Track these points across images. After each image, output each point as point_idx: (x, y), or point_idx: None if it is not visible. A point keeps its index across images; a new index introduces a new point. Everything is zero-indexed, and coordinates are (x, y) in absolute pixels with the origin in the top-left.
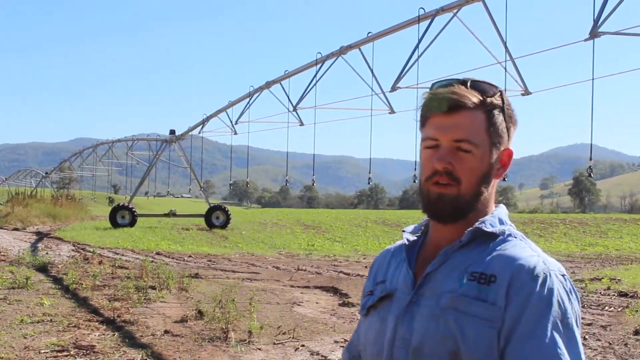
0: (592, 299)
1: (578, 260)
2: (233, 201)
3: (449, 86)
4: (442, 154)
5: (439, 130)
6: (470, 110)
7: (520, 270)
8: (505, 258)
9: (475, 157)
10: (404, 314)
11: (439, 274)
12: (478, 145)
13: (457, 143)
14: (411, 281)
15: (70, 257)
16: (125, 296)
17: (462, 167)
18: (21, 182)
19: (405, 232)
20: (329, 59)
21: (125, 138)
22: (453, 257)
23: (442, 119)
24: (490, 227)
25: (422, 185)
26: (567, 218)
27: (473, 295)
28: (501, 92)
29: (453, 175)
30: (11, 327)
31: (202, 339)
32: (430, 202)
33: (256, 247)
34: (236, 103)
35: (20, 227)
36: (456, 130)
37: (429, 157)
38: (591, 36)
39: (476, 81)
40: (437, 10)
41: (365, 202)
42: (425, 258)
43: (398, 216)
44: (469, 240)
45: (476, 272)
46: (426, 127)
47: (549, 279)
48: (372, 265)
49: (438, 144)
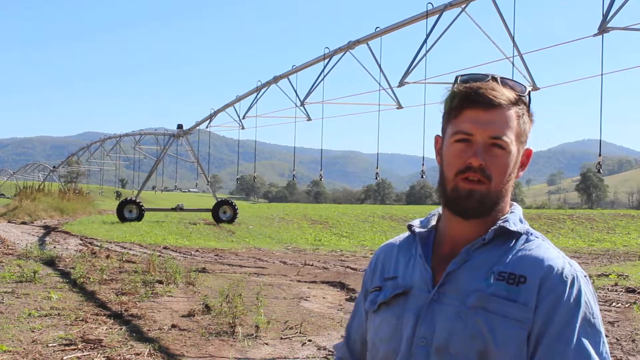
0: (600, 295)
1: (585, 256)
2: (240, 196)
3: (485, 81)
4: (479, 149)
5: (475, 125)
6: (505, 108)
7: (550, 272)
8: (533, 259)
9: (507, 155)
10: (424, 312)
11: (461, 272)
12: (510, 143)
13: (493, 140)
14: (430, 279)
15: (78, 251)
16: (132, 290)
17: (494, 164)
18: (29, 176)
19: (415, 227)
20: (337, 54)
21: (133, 132)
22: (475, 255)
23: (479, 114)
24: (513, 226)
25: (450, 179)
26: (575, 214)
27: (502, 296)
28: (529, 91)
29: (485, 173)
30: (19, 320)
31: (209, 333)
32: (459, 197)
33: (263, 241)
34: (244, 98)
35: (28, 221)
36: (493, 126)
37: (460, 151)
38: (600, 31)
39: (506, 78)
40: (445, 5)
41: (373, 197)
42: (443, 255)
43: (405, 211)
44: (492, 239)
45: (504, 272)
46: (458, 120)
47: (576, 281)
48: (375, 259)
49: (472, 139)
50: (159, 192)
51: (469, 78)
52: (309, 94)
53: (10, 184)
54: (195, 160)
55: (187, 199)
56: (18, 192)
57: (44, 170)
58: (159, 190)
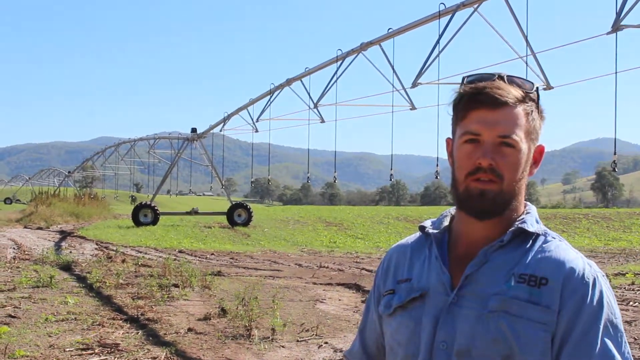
0: (617, 294)
1: (602, 255)
2: (254, 199)
3: (491, 80)
4: (487, 149)
5: (482, 125)
6: (512, 106)
7: (571, 274)
8: (553, 261)
9: (517, 153)
10: (444, 316)
11: (480, 275)
12: (520, 141)
13: (501, 139)
14: (448, 281)
15: (94, 255)
16: (148, 294)
17: (505, 163)
18: (44, 182)
19: (428, 228)
20: (350, 56)
21: (147, 137)
22: (493, 257)
23: (485, 113)
24: (531, 227)
25: (462, 181)
26: (590, 213)
27: (524, 298)
28: (537, 88)
29: (496, 172)
30: (36, 325)
31: (226, 336)
32: (471, 198)
33: (278, 244)
34: (257, 101)
35: (44, 226)
36: (501, 125)
37: (469, 152)
38: (613, 29)
39: (513, 76)
40: (457, 5)
41: (387, 199)
42: (459, 257)
43: (420, 212)
44: (509, 240)
45: (525, 274)
46: (466, 121)
47: (597, 282)
48: (387, 260)
49: (480, 139)
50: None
51: (475, 78)
52: (322, 96)
53: (25, 190)
54: (209, 164)
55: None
56: (34, 197)
57: (59, 176)
58: (174, 194)
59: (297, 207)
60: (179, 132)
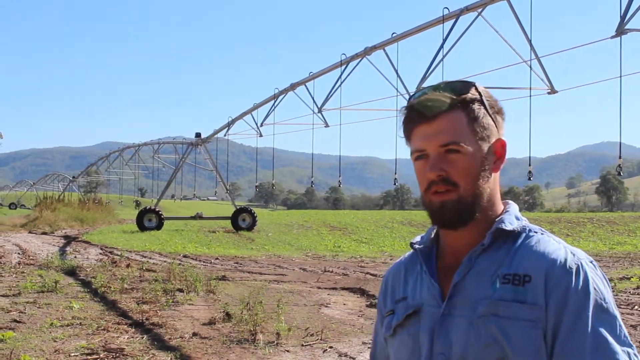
0: (622, 298)
1: (606, 259)
2: (259, 203)
3: (422, 95)
4: (432, 162)
5: (424, 140)
6: (447, 112)
7: (552, 265)
8: (534, 256)
9: (466, 156)
10: (438, 328)
11: (467, 281)
12: (465, 144)
13: (444, 147)
14: (438, 293)
15: (98, 260)
16: (153, 299)
17: (455, 169)
18: (49, 187)
19: (415, 244)
20: (354, 60)
21: (151, 141)
22: (478, 262)
23: (424, 128)
24: (510, 226)
25: (423, 197)
26: (595, 217)
27: (510, 298)
28: (475, 86)
29: (449, 181)
30: (41, 330)
31: (230, 341)
32: (434, 212)
33: (282, 248)
34: (261, 105)
35: (49, 231)
36: (440, 135)
37: (421, 168)
38: (618, 33)
39: (448, 82)
40: (461, 9)
41: (391, 203)
42: (446, 267)
43: (424, 216)
44: (491, 242)
45: (509, 274)
46: (412, 140)
47: (581, 269)
48: (385, 282)
49: (426, 154)
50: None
51: (411, 97)
52: (326, 100)
53: (30, 195)
54: (214, 169)
55: (206, 207)
56: (38, 202)
57: (63, 181)
58: (178, 199)
59: (302, 212)
60: (183, 137)
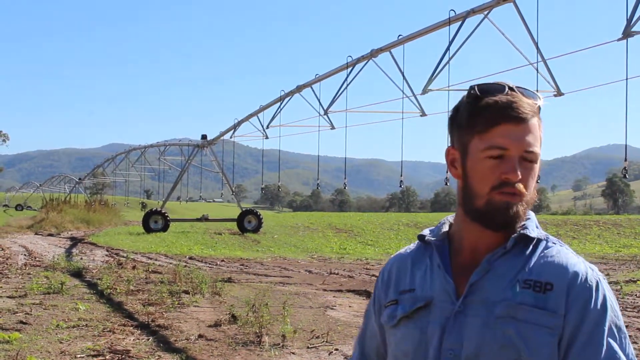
0: (628, 302)
1: (612, 262)
2: (265, 205)
3: (504, 92)
4: (515, 165)
5: (510, 140)
6: (532, 118)
7: (575, 278)
8: (557, 266)
9: (536, 165)
10: (451, 324)
11: (485, 282)
12: (539, 155)
13: (526, 153)
14: (453, 290)
15: (104, 262)
16: (159, 301)
17: (528, 176)
18: (55, 188)
19: (428, 237)
20: (360, 62)
21: (157, 143)
22: (497, 264)
23: (512, 128)
24: (533, 233)
25: (483, 194)
26: (601, 220)
27: (530, 303)
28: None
29: (521, 185)
30: (47, 331)
31: (236, 343)
32: (496, 212)
33: (288, 250)
34: (267, 107)
35: (55, 233)
36: (526, 140)
37: (493, 166)
38: (624, 36)
39: (520, 87)
40: (467, 11)
41: (397, 205)
42: (462, 265)
43: (430, 219)
44: (511, 247)
45: (530, 280)
46: (489, 134)
47: (600, 285)
48: (388, 271)
49: (505, 154)
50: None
51: (488, 89)
52: (332, 102)
53: (36, 197)
54: (219, 171)
55: (212, 209)
56: (44, 204)
57: (69, 182)
58: (184, 201)
59: (307, 214)
60: (189, 139)
